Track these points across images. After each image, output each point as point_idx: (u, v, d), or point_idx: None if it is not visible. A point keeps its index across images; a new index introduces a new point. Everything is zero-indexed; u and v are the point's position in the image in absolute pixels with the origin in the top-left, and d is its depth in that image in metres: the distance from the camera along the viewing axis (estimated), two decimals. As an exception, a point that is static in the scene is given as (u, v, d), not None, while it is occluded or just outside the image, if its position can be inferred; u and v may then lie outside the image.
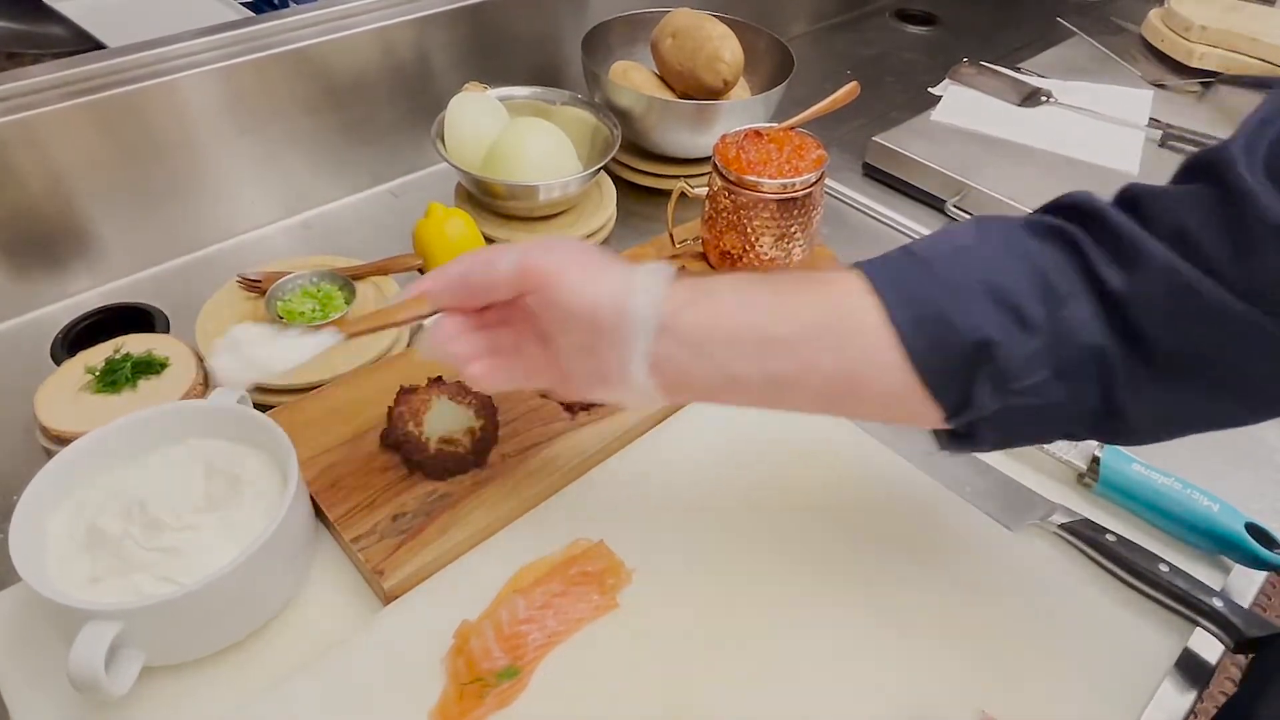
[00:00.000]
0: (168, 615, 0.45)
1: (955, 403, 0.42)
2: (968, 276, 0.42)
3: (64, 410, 0.59)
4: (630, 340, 0.43)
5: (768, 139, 0.74)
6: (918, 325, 0.41)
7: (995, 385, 0.41)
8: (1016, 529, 0.59)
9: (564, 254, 0.45)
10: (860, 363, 0.42)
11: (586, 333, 0.44)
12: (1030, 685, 0.50)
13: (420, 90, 0.91)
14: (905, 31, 1.41)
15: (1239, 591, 0.57)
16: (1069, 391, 0.41)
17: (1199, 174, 0.40)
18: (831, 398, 0.45)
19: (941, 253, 0.43)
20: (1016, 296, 0.41)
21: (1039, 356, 0.41)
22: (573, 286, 0.44)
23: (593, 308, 0.44)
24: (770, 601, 0.53)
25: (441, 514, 0.55)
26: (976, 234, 0.44)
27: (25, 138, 0.68)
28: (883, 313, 0.42)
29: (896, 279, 0.43)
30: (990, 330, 0.40)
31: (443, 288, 0.48)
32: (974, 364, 0.41)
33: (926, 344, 0.41)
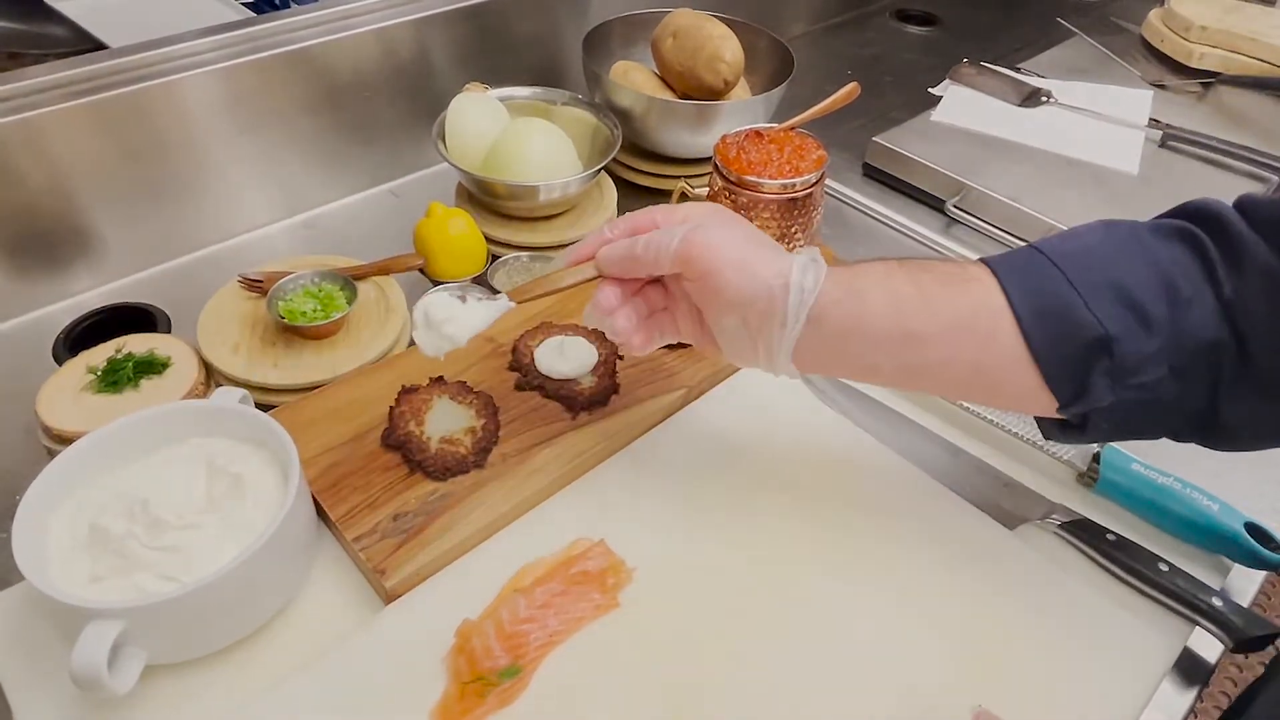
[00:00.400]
0: (170, 614, 0.45)
1: (1071, 393, 0.44)
2: (1093, 275, 0.44)
3: (66, 410, 0.59)
4: (780, 333, 0.47)
5: (768, 139, 0.74)
6: (1039, 318, 0.44)
7: (1113, 379, 0.43)
8: (1016, 528, 0.59)
9: (725, 240, 0.48)
10: (988, 356, 0.45)
11: (741, 319, 0.48)
12: (1030, 684, 0.50)
13: (421, 90, 0.91)
14: (905, 32, 1.42)
15: (1238, 591, 0.57)
16: (1181, 390, 0.43)
17: None
18: (958, 386, 0.48)
19: (1069, 251, 0.45)
20: (1140, 295, 0.43)
21: (1158, 355, 0.43)
22: (731, 279, 0.47)
23: (749, 300, 0.47)
24: (770, 600, 0.53)
25: (443, 513, 0.55)
26: (1104, 235, 0.46)
27: (27, 138, 0.68)
28: (1008, 307, 0.44)
29: (1024, 275, 0.45)
30: (1112, 327, 0.42)
31: (611, 259, 0.51)
32: (1093, 358, 0.43)
33: (1047, 336, 0.43)
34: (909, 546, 0.57)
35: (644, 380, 0.66)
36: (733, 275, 0.47)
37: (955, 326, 0.45)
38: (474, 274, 0.76)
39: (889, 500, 0.60)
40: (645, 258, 0.49)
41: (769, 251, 0.48)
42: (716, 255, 0.47)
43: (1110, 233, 0.47)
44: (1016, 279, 0.45)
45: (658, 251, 0.48)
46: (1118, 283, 0.43)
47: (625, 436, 0.63)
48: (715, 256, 0.47)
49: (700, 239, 0.47)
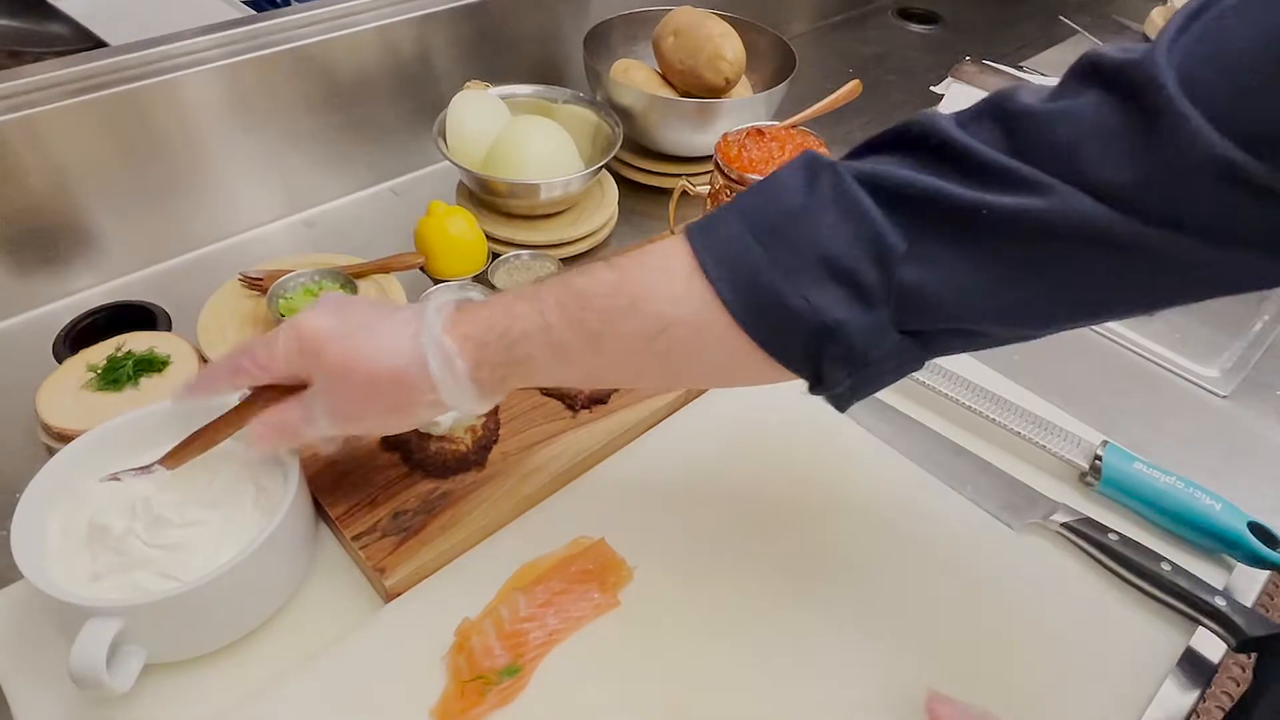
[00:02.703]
0: (169, 612, 0.45)
1: (813, 379, 0.43)
2: (800, 252, 0.40)
3: (66, 408, 0.59)
4: (437, 386, 0.44)
5: (769, 137, 0.74)
6: (758, 316, 0.40)
7: (846, 363, 0.41)
8: (1018, 528, 0.59)
9: (337, 321, 0.46)
10: (663, 345, 0.42)
11: (393, 392, 0.45)
12: (1032, 684, 0.50)
13: (422, 88, 0.91)
14: (907, 30, 1.41)
15: (1241, 590, 0.57)
16: (927, 343, 0.41)
17: (1104, 83, 0.36)
18: (645, 375, 0.46)
19: (771, 220, 0.41)
20: (853, 267, 0.39)
21: (884, 325, 0.40)
22: (355, 349, 0.45)
23: (391, 372, 0.44)
24: (771, 599, 0.53)
25: (442, 512, 0.55)
26: (807, 191, 0.41)
27: (27, 136, 0.68)
28: (715, 297, 0.41)
29: (729, 265, 0.41)
30: (830, 312, 0.39)
31: (215, 376, 0.49)
32: (821, 346, 0.40)
33: (769, 332, 0.41)
34: (911, 545, 0.57)
35: (645, 379, 0.66)
36: (366, 346, 0.45)
37: (633, 354, 0.43)
38: (474, 272, 0.76)
39: (891, 499, 0.60)
40: (258, 357, 0.47)
41: (379, 316, 0.46)
42: (353, 405, 0.46)
43: (813, 188, 0.41)
44: (723, 271, 0.41)
45: (270, 346, 0.46)
46: (824, 255, 0.39)
47: (626, 435, 0.63)
48: (353, 407, 0.46)
49: (334, 406, 0.46)
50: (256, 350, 0.47)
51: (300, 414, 0.47)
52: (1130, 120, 0.34)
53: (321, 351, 0.45)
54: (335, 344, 0.45)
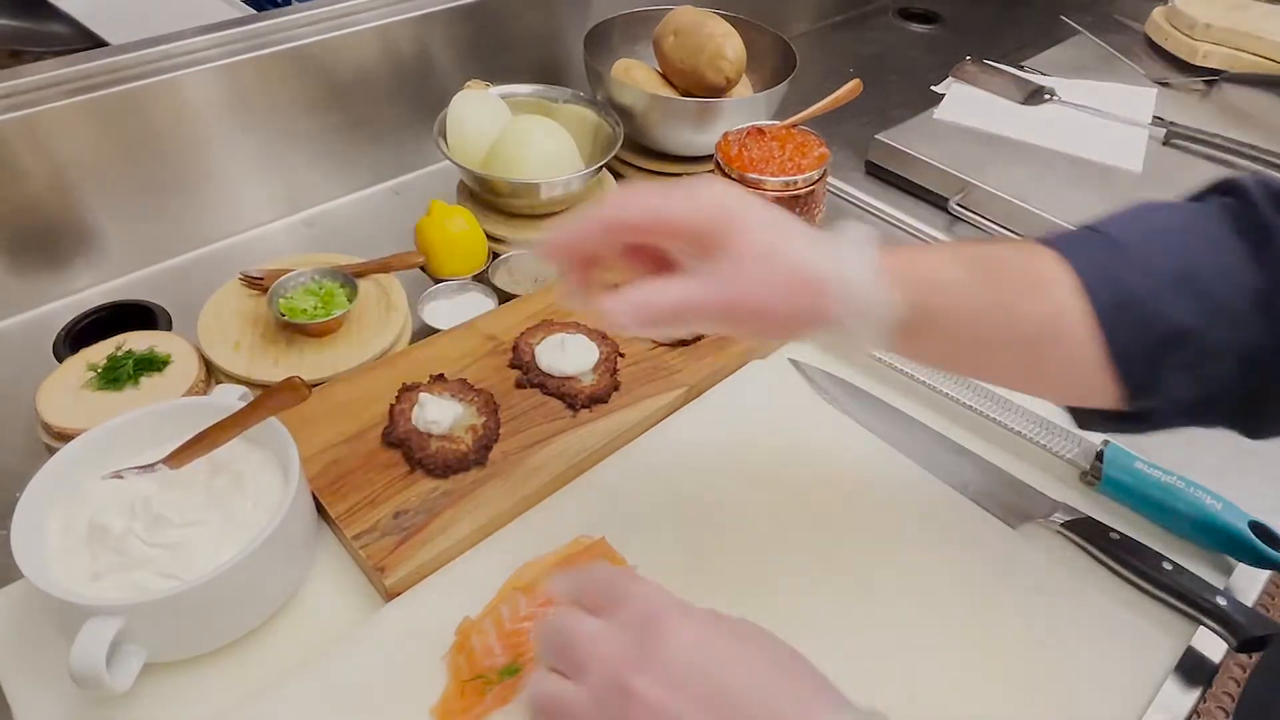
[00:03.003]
0: (169, 611, 0.45)
1: (1143, 388, 0.43)
2: (1166, 262, 0.42)
3: (66, 407, 0.59)
4: (847, 336, 0.42)
5: (770, 137, 0.74)
6: (1118, 311, 0.42)
7: (1189, 373, 0.42)
8: (1019, 527, 0.59)
9: (763, 207, 0.42)
10: (1061, 358, 0.43)
11: (803, 295, 0.42)
12: (1032, 683, 0.50)
13: (422, 88, 0.91)
14: (908, 29, 1.41)
15: (1242, 590, 0.57)
16: (1244, 381, 0.43)
17: None
18: (1024, 383, 0.47)
19: (1131, 236, 0.44)
20: (1211, 283, 0.42)
21: (1230, 345, 0.42)
22: (789, 246, 0.41)
23: (816, 274, 0.41)
24: (771, 599, 0.53)
25: (443, 511, 0.55)
26: (1161, 218, 0.45)
27: (28, 135, 0.68)
28: (1082, 290, 0.42)
29: (1098, 265, 0.43)
30: (1189, 318, 0.41)
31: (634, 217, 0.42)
32: (1169, 351, 0.42)
33: (1124, 330, 0.42)
34: (911, 545, 0.57)
35: (645, 378, 0.66)
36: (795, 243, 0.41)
37: (1036, 339, 0.43)
38: (475, 271, 0.76)
39: (891, 499, 0.60)
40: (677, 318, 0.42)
41: (820, 245, 0.42)
42: (762, 299, 0.41)
43: (1167, 215, 0.45)
44: (1091, 267, 0.42)
45: (692, 312, 0.42)
46: (1189, 270, 0.42)
47: (626, 435, 0.62)
48: (762, 301, 0.41)
49: (742, 293, 0.41)
50: (672, 199, 0.42)
51: (682, 294, 0.41)
52: None
53: (747, 228, 0.41)
54: (765, 227, 0.41)
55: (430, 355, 0.66)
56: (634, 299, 0.41)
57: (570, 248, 0.44)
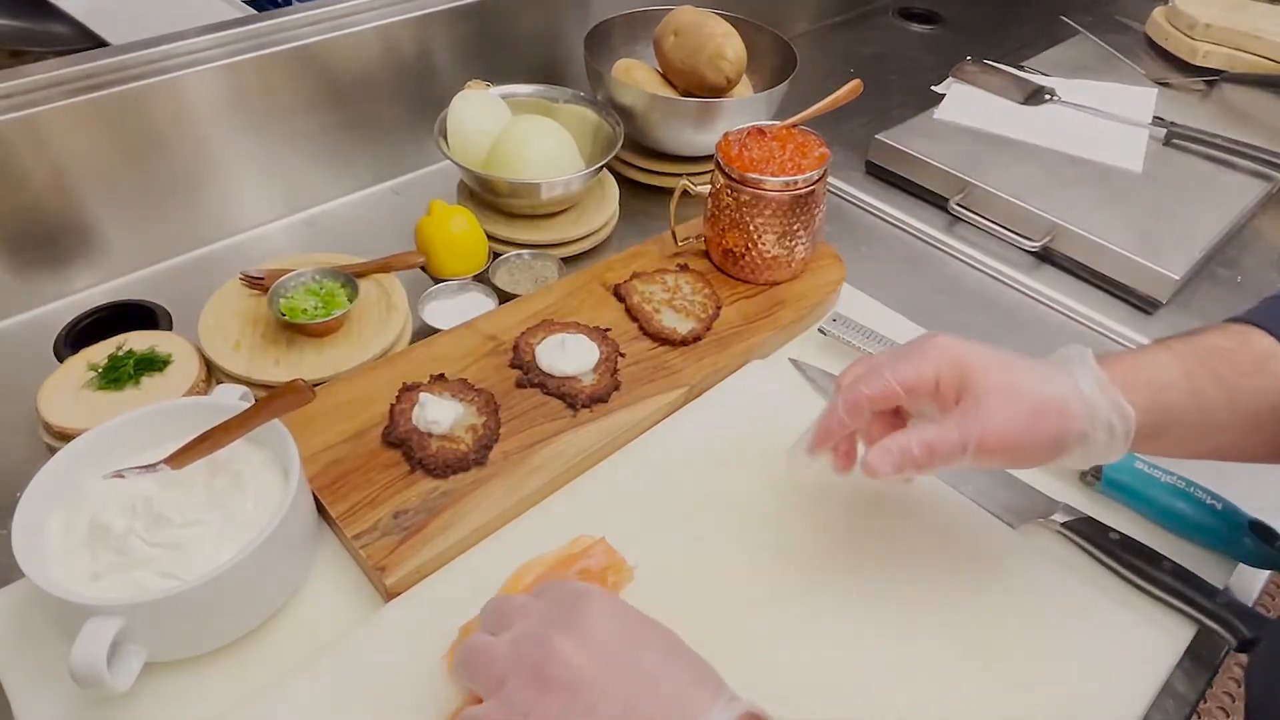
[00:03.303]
0: (170, 611, 0.45)
1: None
2: None
3: (67, 407, 0.59)
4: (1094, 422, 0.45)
5: (770, 137, 0.74)
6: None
7: None
8: (1019, 527, 0.59)
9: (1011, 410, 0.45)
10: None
11: (1052, 420, 0.45)
12: (1032, 683, 0.50)
13: (423, 88, 0.91)
14: (908, 29, 1.41)
15: (1242, 590, 0.57)
16: None
17: None
18: (1262, 444, 0.48)
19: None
20: None
21: None
22: (1025, 379, 0.45)
23: (1057, 399, 0.45)
24: (771, 598, 0.53)
25: (443, 511, 0.55)
26: None
27: (28, 135, 0.68)
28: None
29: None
30: None
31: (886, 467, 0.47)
32: None
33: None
34: (911, 545, 0.57)
35: (645, 378, 0.66)
36: (1040, 453, 0.45)
37: (1261, 412, 0.46)
38: (475, 272, 0.76)
39: (891, 498, 0.60)
40: (931, 467, 0.46)
41: (1058, 406, 0.45)
42: (1013, 431, 0.44)
43: None
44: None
45: (948, 453, 0.45)
46: None
47: (626, 434, 0.62)
48: (1012, 432, 0.44)
49: (993, 428, 0.44)
50: (898, 369, 0.46)
51: (943, 437, 0.45)
52: None
53: (985, 372, 0.45)
54: (998, 367, 0.45)
55: (431, 355, 0.66)
56: (894, 448, 0.46)
57: (832, 438, 0.50)
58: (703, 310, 0.72)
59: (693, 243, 0.79)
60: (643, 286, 0.73)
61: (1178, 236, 0.87)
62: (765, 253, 0.74)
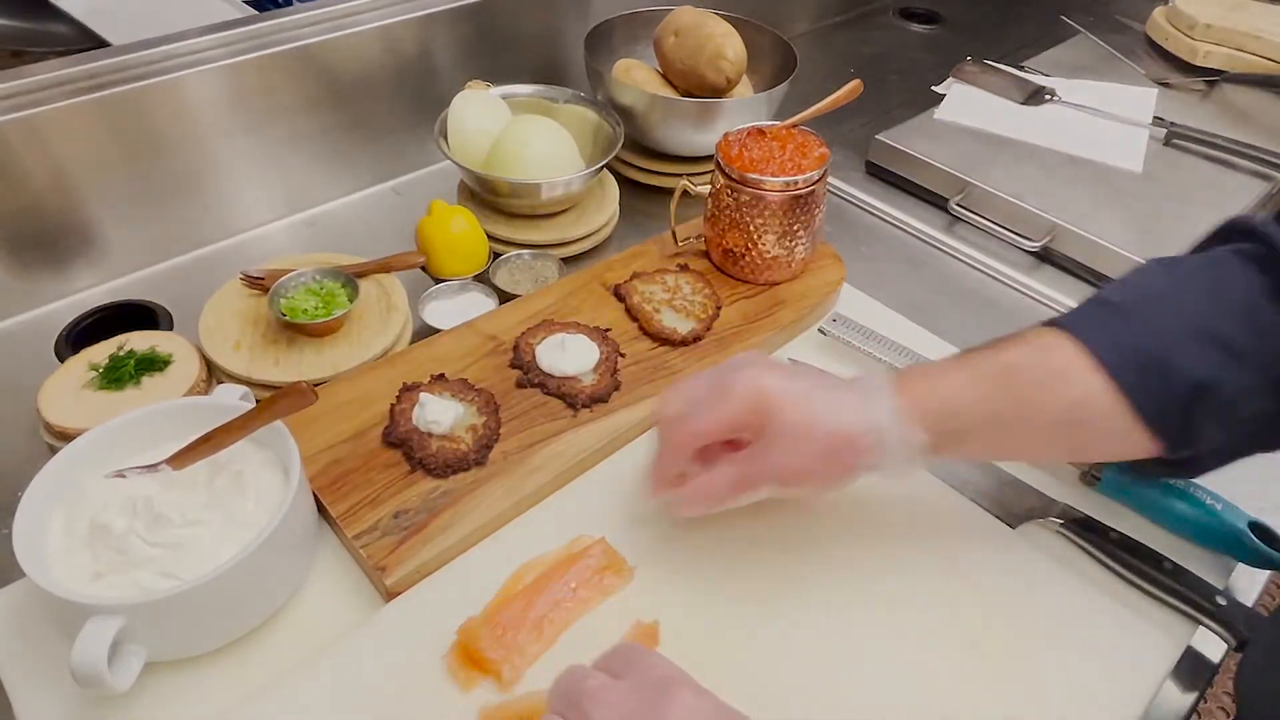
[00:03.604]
0: (170, 611, 0.45)
1: (1179, 440, 0.46)
2: (1175, 320, 0.45)
3: (67, 407, 0.59)
4: (884, 451, 0.47)
5: (770, 137, 0.74)
6: (1140, 376, 0.44)
7: (1219, 419, 0.44)
8: (1019, 527, 0.59)
9: (791, 383, 0.48)
10: (1092, 433, 0.46)
11: (843, 454, 0.47)
12: (1031, 683, 0.50)
13: (423, 88, 0.91)
14: (909, 30, 1.41)
15: (1242, 590, 0.57)
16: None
17: None
18: (1063, 456, 0.51)
19: (1142, 300, 0.46)
20: (1224, 332, 0.44)
21: (1257, 385, 0.44)
22: (819, 416, 0.47)
23: (847, 435, 0.47)
24: (770, 597, 0.53)
25: (443, 511, 0.55)
26: (1168, 276, 0.47)
27: (29, 135, 0.68)
28: (1100, 368, 0.45)
29: (1110, 336, 0.46)
30: (1208, 369, 0.43)
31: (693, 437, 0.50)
32: (1196, 403, 0.44)
33: (1149, 394, 0.44)
34: (911, 544, 0.57)
35: (645, 378, 0.66)
36: (820, 407, 0.47)
37: (1067, 423, 0.46)
38: (475, 272, 0.76)
39: (891, 497, 0.60)
40: (738, 500, 0.49)
41: (830, 381, 0.48)
42: (805, 467, 0.47)
43: (1172, 273, 0.47)
44: (1105, 342, 0.45)
45: (751, 489, 0.49)
46: (1197, 323, 0.44)
47: (627, 434, 0.63)
48: (804, 469, 0.47)
49: (786, 467, 0.47)
50: (704, 416, 0.48)
51: (738, 476, 0.49)
52: None
53: (781, 410, 0.47)
54: (795, 404, 0.47)
55: (431, 355, 0.66)
56: (694, 491, 0.50)
57: (668, 480, 0.52)
58: (703, 310, 0.72)
59: (693, 243, 0.79)
60: (643, 286, 0.74)
61: (1178, 237, 0.87)
62: (765, 253, 0.74)
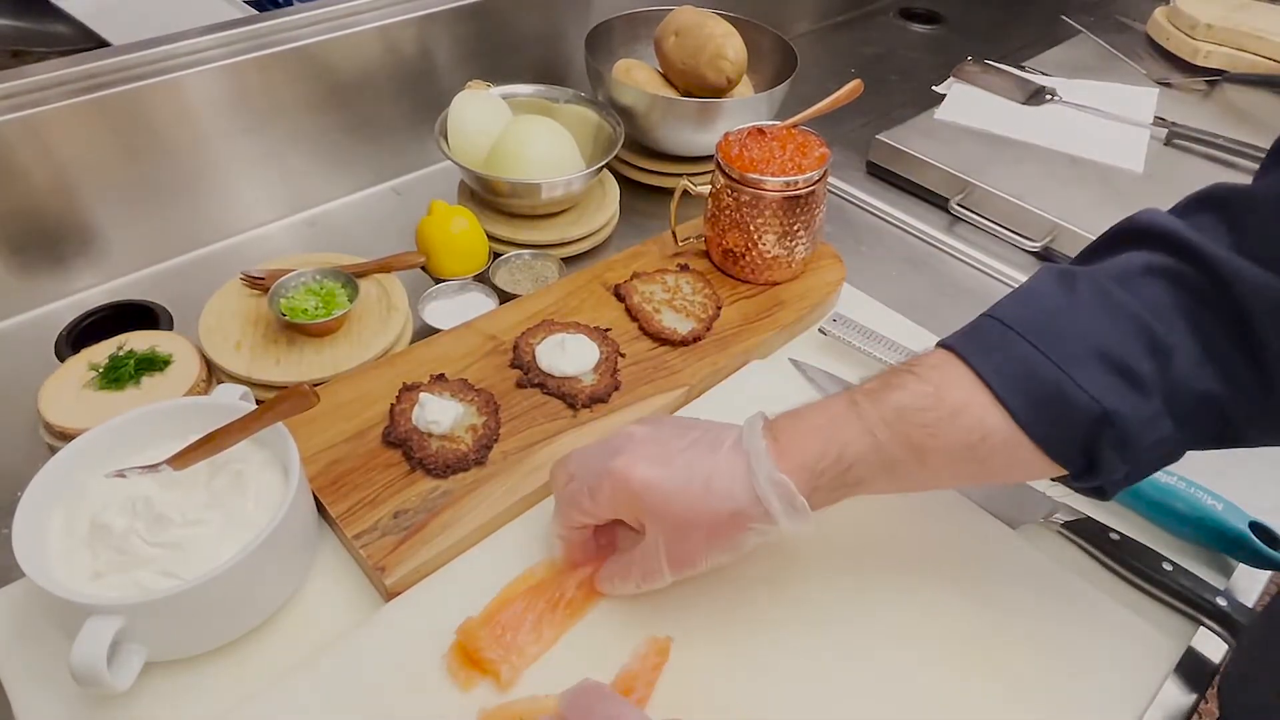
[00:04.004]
0: (170, 611, 0.45)
1: (1083, 469, 0.43)
2: (1070, 345, 0.42)
3: (68, 407, 0.59)
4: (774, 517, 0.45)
5: (771, 137, 0.74)
6: (1034, 409, 0.42)
7: (1121, 450, 0.42)
8: (1019, 527, 0.59)
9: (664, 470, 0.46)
10: (993, 464, 0.43)
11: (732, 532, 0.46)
12: (1032, 684, 0.50)
13: (423, 88, 0.91)
14: (909, 29, 1.41)
15: (1243, 590, 0.57)
16: (1191, 433, 0.42)
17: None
18: (969, 484, 0.48)
19: (1037, 321, 0.43)
20: (1125, 358, 0.41)
21: (1159, 413, 0.41)
22: (697, 503, 0.45)
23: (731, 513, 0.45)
24: (770, 600, 0.53)
25: (443, 511, 0.55)
26: (1065, 293, 0.44)
27: (30, 135, 0.68)
28: (996, 404, 0.42)
29: (1003, 363, 0.43)
30: (1107, 400, 0.40)
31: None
32: (1096, 434, 0.41)
33: (1045, 425, 0.42)
34: (911, 545, 0.57)
35: (645, 378, 0.66)
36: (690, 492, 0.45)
37: (957, 461, 0.44)
38: (476, 272, 0.76)
39: (890, 499, 0.60)
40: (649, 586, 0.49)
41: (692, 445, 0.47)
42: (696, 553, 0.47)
43: (1071, 290, 0.44)
44: (996, 371, 0.42)
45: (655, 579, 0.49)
46: (1097, 348, 0.41)
47: (626, 434, 0.62)
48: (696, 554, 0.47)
49: (677, 558, 0.47)
50: (585, 507, 0.48)
51: (639, 573, 0.49)
52: None
53: (654, 508, 0.46)
54: (668, 498, 0.45)
55: (431, 355, 0.66)
56: (614, 576, 0.51)
57: (578, 557, 0.52)
58: (703, 310, 0.72)
59: (693, 243, 0.79)
60: (643, 286, 0.74)
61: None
62: (765, 253, 0.74)
